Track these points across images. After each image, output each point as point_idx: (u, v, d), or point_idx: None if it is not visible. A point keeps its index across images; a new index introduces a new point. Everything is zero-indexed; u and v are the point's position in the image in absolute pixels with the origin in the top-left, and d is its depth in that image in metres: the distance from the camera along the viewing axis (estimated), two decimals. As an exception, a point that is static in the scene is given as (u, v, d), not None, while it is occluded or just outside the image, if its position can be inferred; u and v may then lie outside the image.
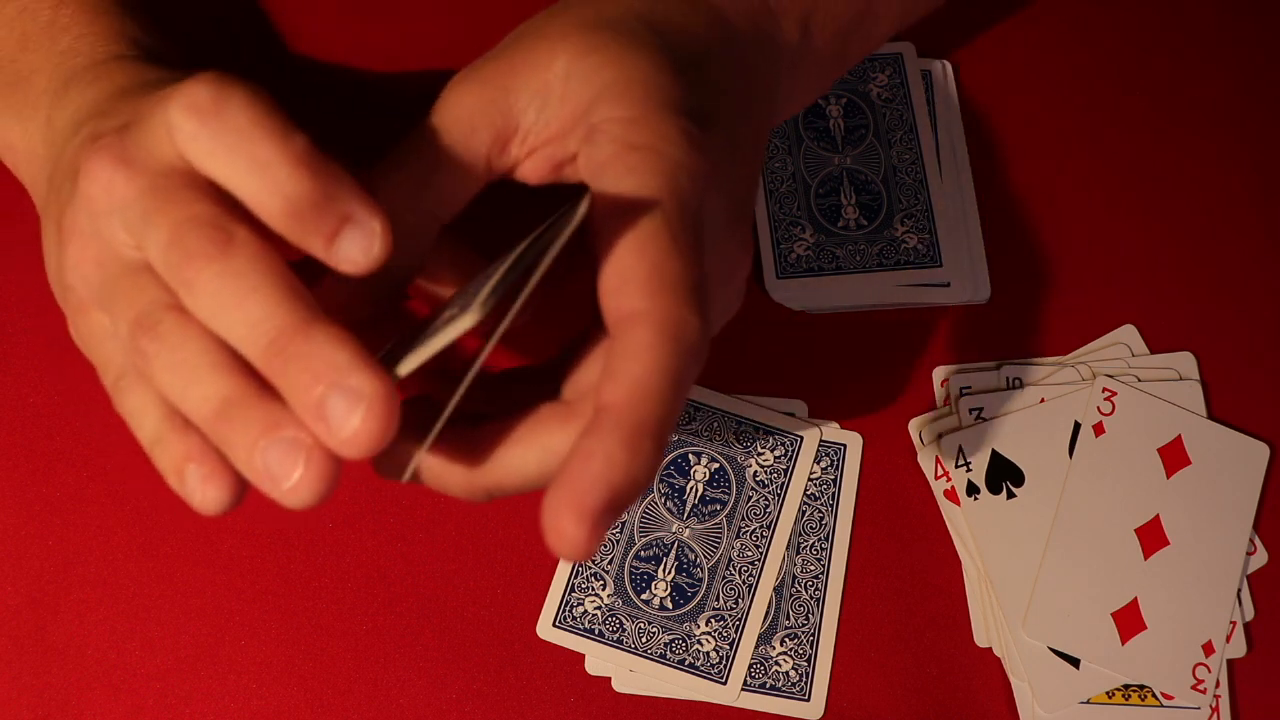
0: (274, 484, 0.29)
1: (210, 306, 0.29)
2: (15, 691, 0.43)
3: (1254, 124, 0.52)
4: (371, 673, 0.43)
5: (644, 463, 0.28)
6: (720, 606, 0.44)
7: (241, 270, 0.28)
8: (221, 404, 0.29)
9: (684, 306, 0.29)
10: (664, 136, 0.31)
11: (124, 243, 0.30)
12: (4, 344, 0.46)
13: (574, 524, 0.27)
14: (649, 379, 0.28)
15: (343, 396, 0.27)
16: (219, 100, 0.28)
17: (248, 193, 0.29)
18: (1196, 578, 0.45)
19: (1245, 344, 0.49)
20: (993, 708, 0.44)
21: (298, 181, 0.28)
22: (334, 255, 0.29)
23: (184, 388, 0.30)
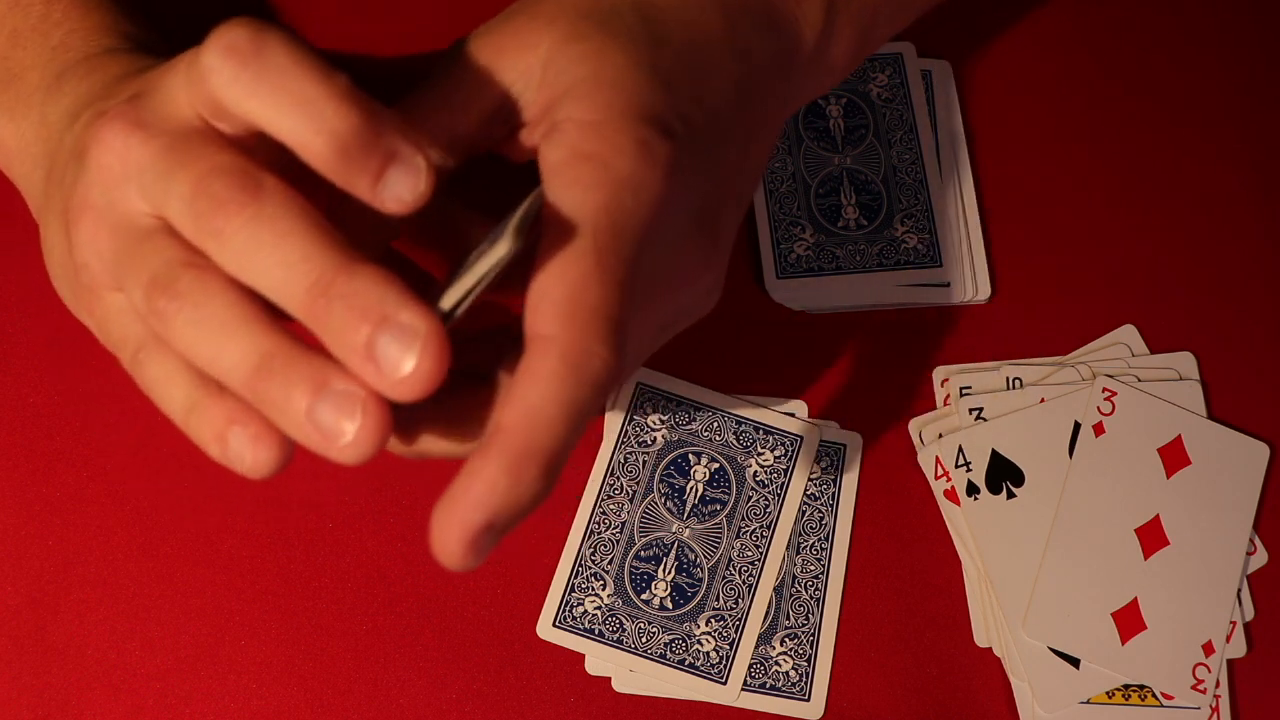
0: (328, 442, 0.28)
1: (242, 254, 0.28)
2: (15, 691, 0.43)
3: (1254, 124, 0.52)
4: (371, 673, 0.43)
5: (526, 490, 0.28)
6: (720, 606, 0.44)
7: (274, 215, 0.27)
8: (260, 361, 0.28)
9: (594, 339, 0.28)
10: (617, 148, 0.30)
11: (140, 211, 0.29)
12: (4, 344, 0.46)
13: (453, 540, 0.27)
14: (543, 408, 0.27)
15: (394, 336, 0.26)
16: (258, 41, 0.27)
17: (292, 133, 0.27)
18: (1196, 578, 0.45)
19: (1245, 344, 0.49)
20: (993, 708, 0.44)
21: (344, 118, 0.27)
22: (381, 194, 0.28)
23: (214, 347, 0.28)
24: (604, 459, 0.46)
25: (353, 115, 0.27)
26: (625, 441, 0.46)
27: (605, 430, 0.46)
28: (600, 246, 0.29)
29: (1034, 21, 0.53)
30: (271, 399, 0.28)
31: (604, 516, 0.45)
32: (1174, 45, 0.53)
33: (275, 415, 0.28)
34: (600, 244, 0.29)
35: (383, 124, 0.28)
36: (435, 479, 0.46)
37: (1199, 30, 0.53)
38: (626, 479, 0.46)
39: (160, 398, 0.31)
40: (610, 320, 0.28)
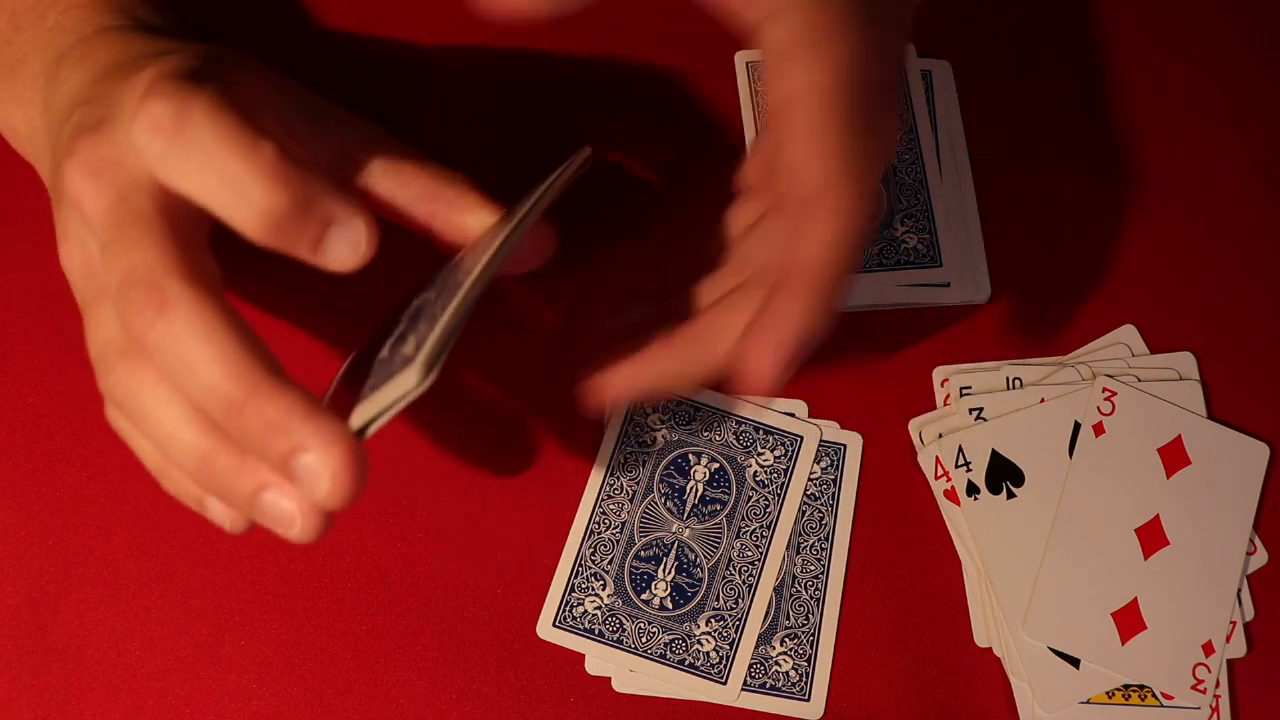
0: (280, 530, 0.30)
1: (162, 367, 0.28)
2: (15, 691, 0.43)
3: (1254, 124, 0.52)
4: (371, 673, 0.43)
5: (825, 316, 0.33)
6: (720, 606, 0.44)
7: (180, 334, 0.27)
8: (200, 460, 0.29)
9: (859, 184, 0.32)
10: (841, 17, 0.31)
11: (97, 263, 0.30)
12: (4, 344, 0.46)
13: (771, 365, 0.32)
14: (833, 247, 0.32)
15: (307, 459, 0.28)
16: (180, 116, 0.27)
17: (224, 210, 0.28)
18: (1196, 578, 0.45)
19: (1245, 344, 0.49)
20: (993, 708, 0.44)
21: (273, 195, 0.27)
22: (322, 258, 0.29)
23: (159, 440, 0.30)
24: (604, 459, 0.46)
25: (280, 191, 0.27)
26: (625, 441, 0.46)
27: (605, 430, 0.46)
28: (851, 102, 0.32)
29: (1034, 21, 0.53)
30: (219, 493, 0.30)
31: (604, 516, 0.45)
32: (1174, 45, 0.53)
33: (229, 503, 0.30)
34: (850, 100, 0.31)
35: (314, 192, 0.28)
36: (435, 479, 0.46)
37: (1199, 30, 0.53)
38: (626, 479, 0.46)
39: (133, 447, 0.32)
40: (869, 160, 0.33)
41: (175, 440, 0.29)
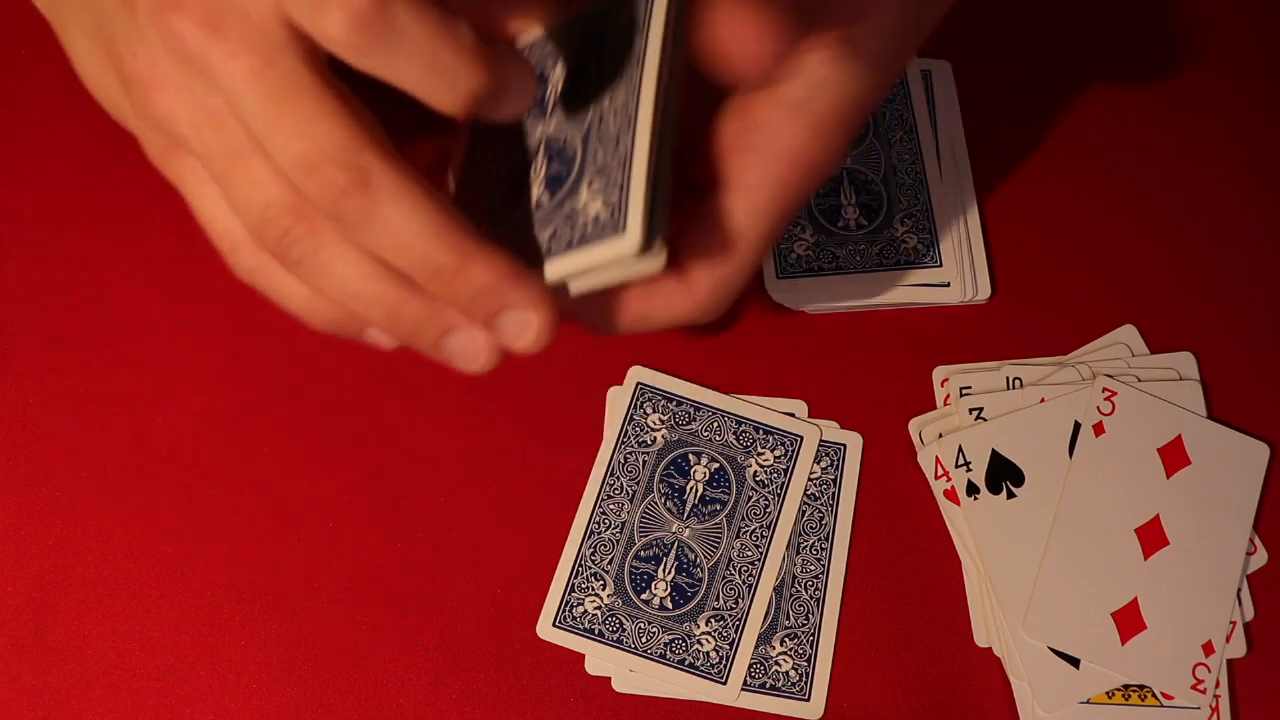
0: (459, 363, 0.31)
1: (361, 238, 0.28)
2: (15, 691, 0.43)
3: (1254, 124, 0.52)
4: (371, 673, 0.43)
5: None
6: (720, 606, 0.44)
7: (388, 211, 0.28)
8: (388, 310, 0.30)
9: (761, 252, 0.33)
10: None
11: (228, 116, 0.28)
12: (4, 344, 0.46)
13: None
14: None
15: (509, 321, 0.30)
16: (383, 7, 0.26)
17: (426, 95, 0.27)
18: (1196, 578, 0.45)
19: (1245, 344, 0.49)
20: (993, 708, 0.44)
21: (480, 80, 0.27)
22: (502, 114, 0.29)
23: (341, 293, 0.30)
24: (604, 459, 0.46)
25: (486, 76, 0.27)
26: (625, 441, 0.46)
27: (605, 430, 0.46)
28: None
29: (1034, 21, 0.53)
30: (402, 336, 0.31)
31: (604, 516, 0.45)
32: (1174, 45, 0.53)
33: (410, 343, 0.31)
34: None
35: (507, 68, 0.28)
36: (436, 479, 0.46)
37: (1199, 30, 0.53)
38: (626, 479, 0.46)
39: None
40: None
41: (361, 294, 0.30)
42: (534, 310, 0.29)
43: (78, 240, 0.48)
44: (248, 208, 0.29)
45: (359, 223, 0.28)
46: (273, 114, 0.27)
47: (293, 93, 0.27)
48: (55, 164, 0.49)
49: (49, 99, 0.49)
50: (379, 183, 0.27)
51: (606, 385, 0.47)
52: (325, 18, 0.26)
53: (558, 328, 0.30)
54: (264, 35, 0.27)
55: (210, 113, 0.28)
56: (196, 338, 0.47)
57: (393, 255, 0.28)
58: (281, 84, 0.27)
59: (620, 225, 0.28)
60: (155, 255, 0.48)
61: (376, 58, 0.27)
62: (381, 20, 0.26)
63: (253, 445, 0.46)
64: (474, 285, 0.29)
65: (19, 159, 0.49)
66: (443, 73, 0.27)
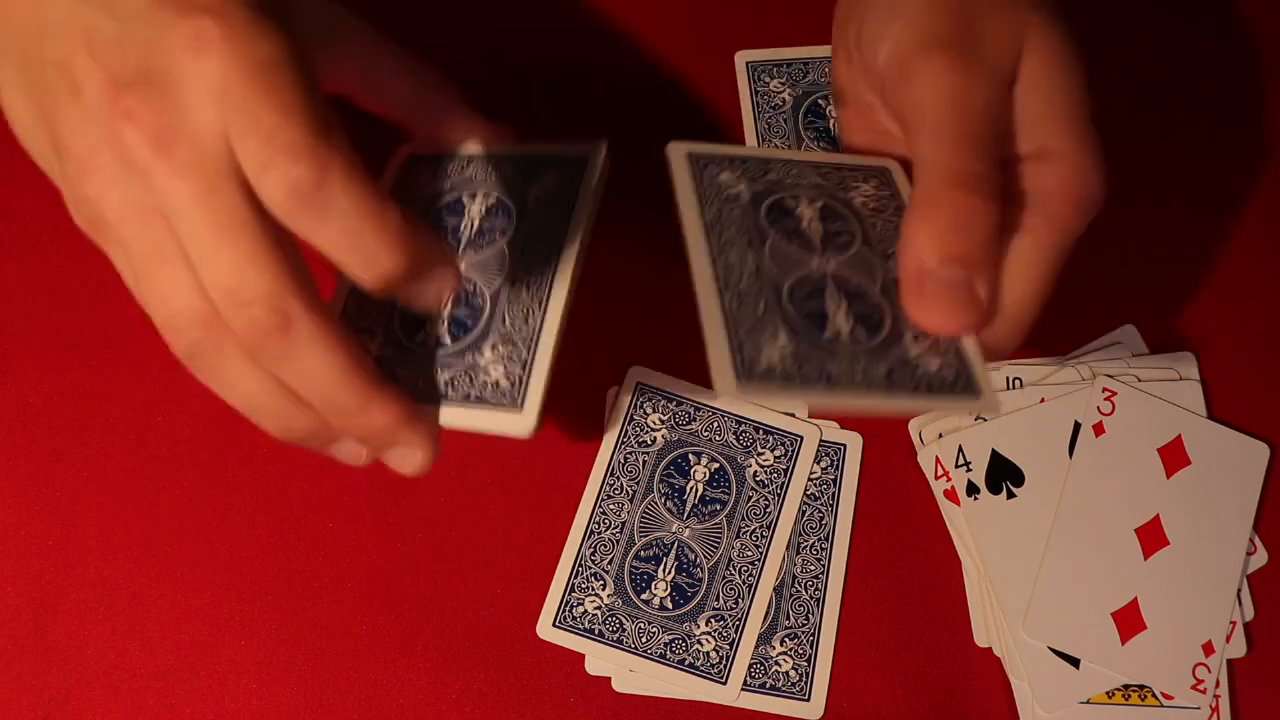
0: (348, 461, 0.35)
1: (272, 369, 0.30)
2: (15, 691, 0.43)
3: (1254, 124, 0.52)
4: (371, 673, 0.43)
5: None
6: (720, 606, 0.44)
7: (302, 354, 0.30)
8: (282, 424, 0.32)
9: None
10: None
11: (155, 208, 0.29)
12: (4, 344, 0.46)
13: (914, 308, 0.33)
14: None
15: (396, 452, 0.33)
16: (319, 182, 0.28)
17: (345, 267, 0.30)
18: (1196, 578, 0.45)
19: (1245, 344, 0.49)
20: (993, 708, 0.44)
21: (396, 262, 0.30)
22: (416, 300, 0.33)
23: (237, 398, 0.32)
24: (604, 459, 0.46)
25: (403, 259, 0.30)
26: (625, 441, 0.46)
27: (605, 430, 0.46)
28: None
29: (1034, 21, 0.52)
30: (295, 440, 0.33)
31: (604, 516, 0.45)
32: (1174, 45, 0.53)
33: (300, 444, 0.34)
34: None
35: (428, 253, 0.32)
36: (436, 479, 0.46)
37: (1199, 30, 0.53)
38: (626, 479, 0.46)
39: None
40: None
41: (257, 405, 0.32)
42: (421, 449, 0.33)
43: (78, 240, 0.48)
44: (160, 308, 0.30)
45: (276, 359, 0.30)
46: (210, 242, 0.28)
47: (232, 226, 0.28)
48: (55, 164, 0.49)
49: (49, 99, 0.49)
50: (300, 328, 0.29)
51: (606, 385, 0.47)
52: (266, 177, 0.28)
53: (436, 458, 0.34)
54: (210, 162, 0.28)
55: (139, 209, 0.29)
56: (196, 338, 0.47)
57: (299, 387, 0.31)
58: (222, 213, 0.28)
59: (519, 403, 0.32)
60: (155, 255, 0.48)
61: (305, 224, 0.29)
62: (316, 193, 0.28)
63: (253, 445, 0.46)
64: (371, 425, 0.32)
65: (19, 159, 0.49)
66: (363, 252, 0.30)
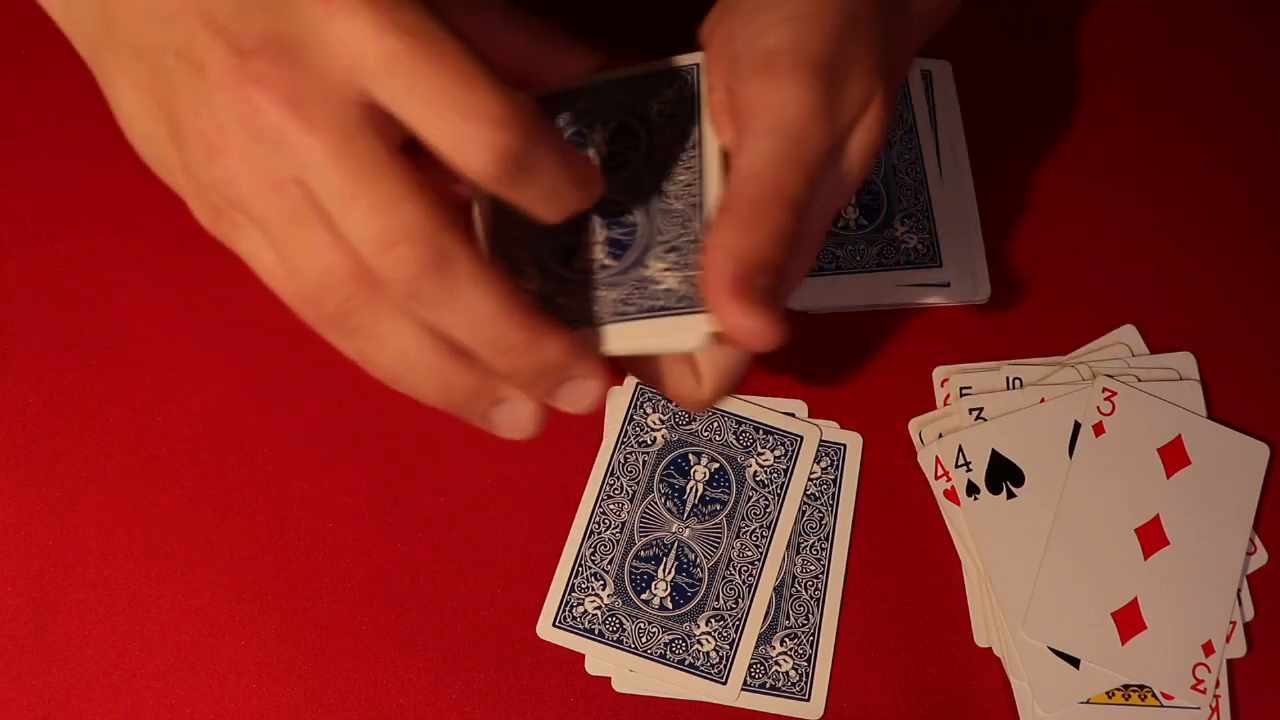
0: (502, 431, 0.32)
1: (430, 315, 0.29)
2: (15, 691, 0.43)
3: (1254, 124, 0.52)
4: (371, 673, 0.43)
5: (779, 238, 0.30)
6: (720, 606, 0.44)
7: (462, 293, 0.28)
8: (441, 381, 0.30)
9: None
10: None
11: (294, 186, 0.28)
12: (4, 344, 0.46)
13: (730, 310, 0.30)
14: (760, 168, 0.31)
15: (569, 389, 0.31)
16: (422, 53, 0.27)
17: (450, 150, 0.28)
18: (1196, 578, 0.45)
19: (1245, 344, 0.49)
20: (993, 708, 0.44)
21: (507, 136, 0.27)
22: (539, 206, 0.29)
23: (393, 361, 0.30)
24: (604, 459, 0.46)
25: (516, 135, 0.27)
26: (625, 441, 0.46)
27: (605, 430, 0.46)
28: None
29: (1034, 21, 0.53)
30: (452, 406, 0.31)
31: (604, 516, 0.45)
32: (1174, 46, 0.53)
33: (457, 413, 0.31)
34: None
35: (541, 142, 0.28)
36: (436, 479, 0.46)
37: (1199, 31, 0.53)
38: (626, 479, 0.46)
39: None
40: None
41: (416, 365, 0.30)
42: (596, 379, 0.31)
43: (78, 240, 0.48)
44: (307, 273, 0.29)
45: (434, 301, 0.28)
46: (351, 189, 0.28)
47: (371, 170, 0.28)
48: (55, 164, 0.49)
49: (49, 99, 0.49)
50: (457, 263, 0.28)
51: (606, 385, 0.47)
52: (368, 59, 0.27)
53: (606, 394, 0.32)
54: (344, 113, 0.27)
55: (273, 179, 0.28)
56: (196, 338, 0.47)
57: (462, 333, 0.29)
58: (360, 160, 0.28)
59: (698, 307, 0.31)
60: (155, 255, 0.48)
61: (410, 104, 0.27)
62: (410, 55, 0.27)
63: (253, 445, 0.46)
64: (543, 361, 0.30)
65: (19, 159, 0.49)
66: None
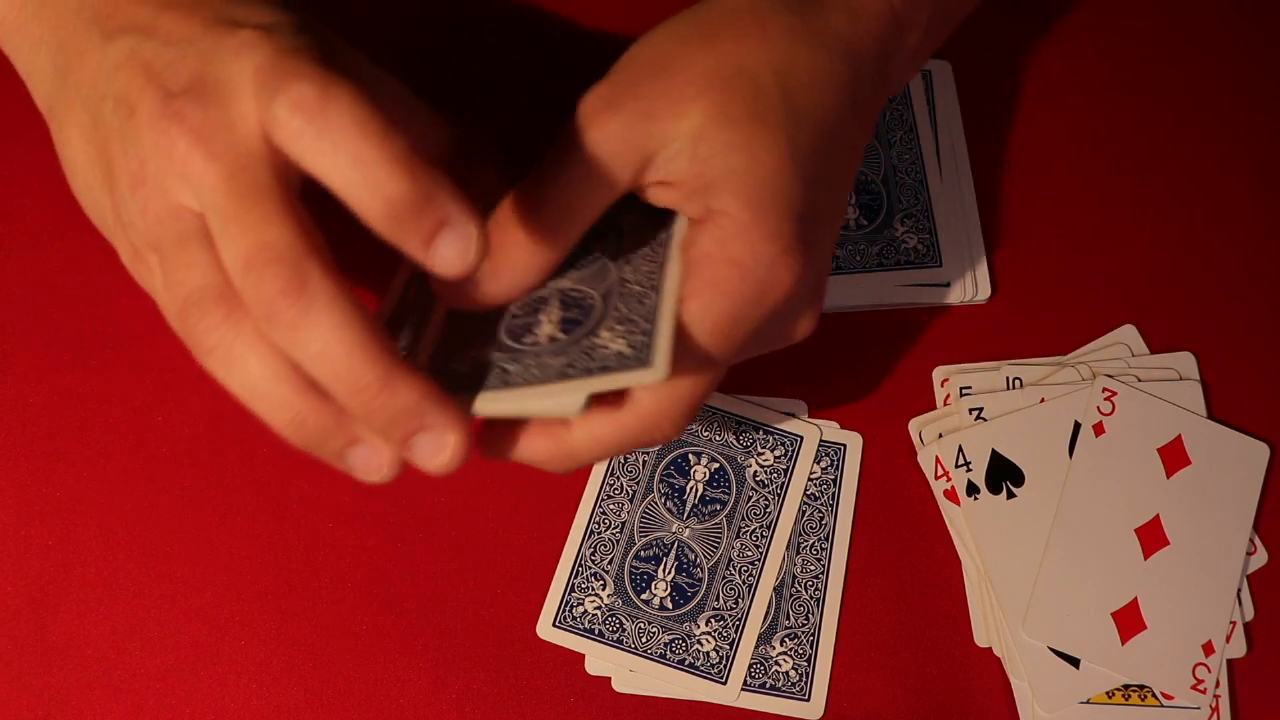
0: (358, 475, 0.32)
1: (285, 341, 0.29)
2: (15, 691, 0.43)
3: (1254, 124, 0.52)
4: (371, 673, 0.43)
5: None
6: (720, 606, 0.44)
7: (318, 319, 0.28)
8: (293, 416, 0.30)
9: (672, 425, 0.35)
10: (760, 257, 0.33)
11: (190, 211, 0.30)
12: (4, 344, 0.46)
13: None
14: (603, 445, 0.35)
15: (425, 441, 0.30)
16: (324, 98, 0.28)
17: (347, 191, 0.29)
18: (1196, 578, 0.45)
19: (1245, 344, 0.49)
20: (993, 708, 0.44)
21: (398, 182, 0.28)
22: (430, 257, 0.29)
23: (247, 389, 0.30)
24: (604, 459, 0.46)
25: (405, 180, 0.28)
26: (625, 441, 0.46)
27: (605, 430, 0.46)
28: (714, 358, 0.33)
29: (1034, 21, 0.53)
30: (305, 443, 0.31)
31: (604, 516, 0.45)
32: (1174, 45, 0.53)
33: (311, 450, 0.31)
34: (715, 353, 0.33)
35: (437, 190, 0.29)
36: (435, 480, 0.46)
37: (1199, 30, 0.53)
38: (626, 479, 0.46)
39: None
40: (693, 407, 0.34)
41: (267, 395, 0.30)
42: (452, 431, 0.30)
43: (78, 240, 0.48)
44: (179, 289, 0.30)
45: (288, 325, 0.28)
46: (232, 210, 0.29)
47: (254, 195, 0.29)
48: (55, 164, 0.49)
49: (49, 99, 0.49)
50: (316, 291, 0.28)
51: (606, 385, 0.47)
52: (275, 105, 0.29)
53: (470, 451, 0.31)
54: (243, 146, 0.29)
55: (173, 206, 0.30)
56: (196, 338, 0.47)
57: (315, 364, 0.29)
58: (247, 186, 0.29)
59: (649, 361, 0.31)
60: (155, 255, 0.48)
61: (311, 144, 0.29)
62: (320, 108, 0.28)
63: (253, 445, 0.46)
64: (395, 405, 0.29)
65: (19, 159, 0.49)
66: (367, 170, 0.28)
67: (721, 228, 0.33)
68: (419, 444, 0.30)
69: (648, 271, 0.34)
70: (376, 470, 0.31)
